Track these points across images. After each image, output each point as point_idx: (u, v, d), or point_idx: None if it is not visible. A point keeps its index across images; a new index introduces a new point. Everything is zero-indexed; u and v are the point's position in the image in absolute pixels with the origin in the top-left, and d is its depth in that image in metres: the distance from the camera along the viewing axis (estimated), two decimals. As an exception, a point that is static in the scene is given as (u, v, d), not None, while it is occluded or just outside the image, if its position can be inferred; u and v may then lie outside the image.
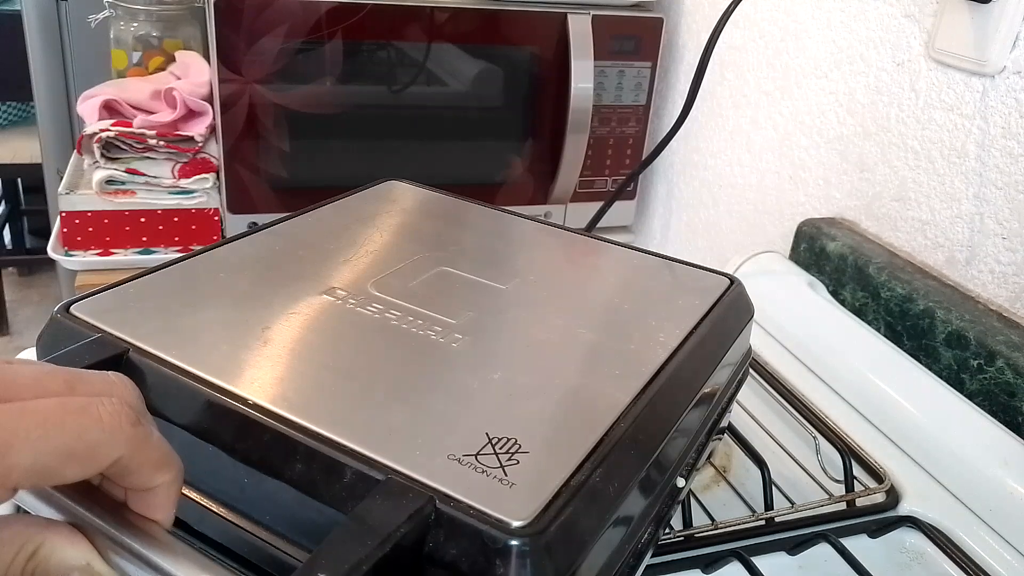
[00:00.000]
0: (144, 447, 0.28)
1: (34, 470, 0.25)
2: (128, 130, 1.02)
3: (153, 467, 0.28)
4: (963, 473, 0.58)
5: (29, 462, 0.25)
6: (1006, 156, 0.68)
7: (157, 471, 0.29)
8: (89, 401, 0.27)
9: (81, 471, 0.26)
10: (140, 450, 0.28)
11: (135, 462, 0.28)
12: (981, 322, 0.67)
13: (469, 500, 0.31)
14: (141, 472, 0.28)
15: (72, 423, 0.26)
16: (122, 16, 1.18)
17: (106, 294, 0.43)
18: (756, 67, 1.00)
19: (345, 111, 1.07)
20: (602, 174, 1.20)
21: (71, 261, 1.02)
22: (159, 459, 0.29)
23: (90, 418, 0.26)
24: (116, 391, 0.29)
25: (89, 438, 0.26)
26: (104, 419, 0.27)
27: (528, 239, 0.58)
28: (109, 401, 0.27)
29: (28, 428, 0.25)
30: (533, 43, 1.10)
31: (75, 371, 0.29)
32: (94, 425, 0.26)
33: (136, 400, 0.29)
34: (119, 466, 0.27)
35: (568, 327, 0.45)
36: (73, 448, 0.26)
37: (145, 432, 0.28)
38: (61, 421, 0.26)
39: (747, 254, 0.84)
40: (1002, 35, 0.67)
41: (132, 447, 0.27)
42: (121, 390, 0.29)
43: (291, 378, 0.38)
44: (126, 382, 0.30)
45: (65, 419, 0.26)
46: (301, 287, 0.46)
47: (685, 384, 0.43)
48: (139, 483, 0.29)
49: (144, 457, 0.28)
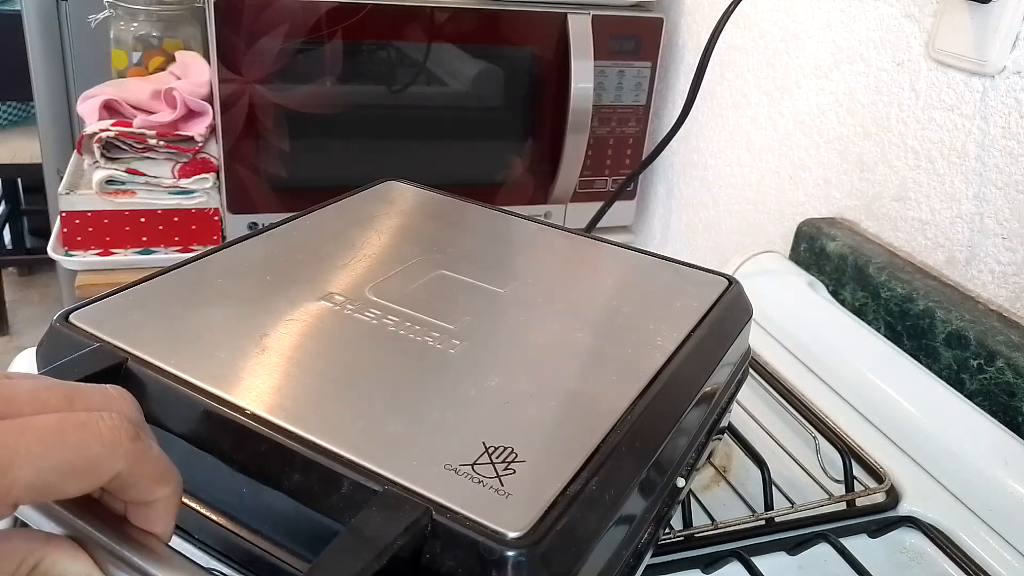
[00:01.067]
0: (143, 461, 0.28)
1: (35, 486, 0.25)
2: (128, 130, 1.02)
3: (152, 481, 0.29)
4: (963, 473, 0.58)
5: (30, 478, 0.25)
6: (1006, 156, 0.68)
7: (156, 485, 0.29)
8: (89, 416, 0.27)
9: (81, 486, 0.27)
10: (139, 464, 0.28)
11: (135, 476, 0.28)
12: (981, 322, 0.67)
13: (465, 511, 0.31)
14: (140, 486, 0.28)
15: (72, 439, 0.26)
16: (122, 16, 1.18)
17: (104, 302, 0.43)
18: (756, 67, 1.00)
19: (345, 111, 1.07)
20: (602, 174, 1.20)
21: (71, 261, 1.02)
22: (158, 473, 0.29)
23: (90, 433, 0.26)
24: (115, 405, 0.29)
25: (89, 453, 0.26)
26: (104, 434, 0.27)
27: (527, 240, 0.58)
28: (109, 416, 0.27)
29: (29, 444, 0.25)
30: (533, 43, 1.10)
31: (74, 385, 0.29)
32: (94, 440, 0.26)
33: (135, 413, 0.29)
34: (119, 480, 0.27)
35: (566, 331, 0.45)
36: (74, 463, 0.26)
37: (144, 446, 0.28)
38: (61, 437, 0.26)
39: (747, 254, 0.84)
40: (1002, 35, 0.67)
41: (131, 461, 0.27)
42: (120, 404, 0.29)
43: (289, 387, 0.38)
44: (125, 395, 0.30)
45: (65, 435, 0.26)
46: (299, 293, 0.46)
47: (684, 386, 0.43)
48: (139, 497, 0.29)
49: (143, 471, 0.28)
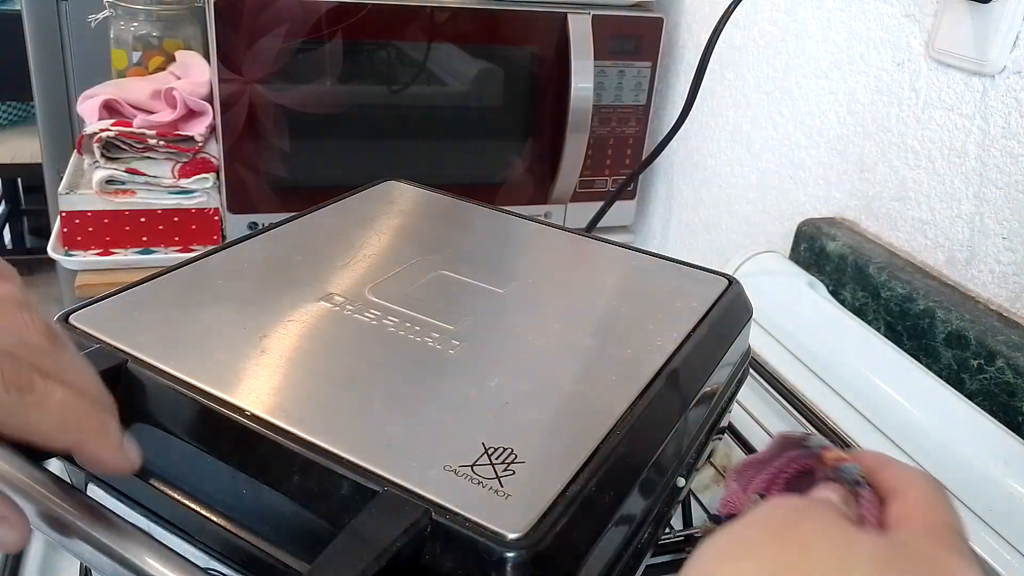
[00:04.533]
0: (33, 414, 0.26)
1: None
2: (128, 130, 1.01)
3: (57, 431, 0.27)
4: (963, 473, 0.58)
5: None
6: (1006, 156, 0.68)
7: (62, 434, 0.27)
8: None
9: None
10: (27, 419, 0.26)
11: (27, 433, 0.26)
12: (981, 322, 0.67)
13: (465, 512, 0.31)
14: (45, 439, 0.27)
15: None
16: (122, 16, 1.17)
17: (104, 303, 0.43)
18: (756, 67, 1.00)
19: (345, 111, 1.07)
20: (602, 174, 1.20)
21: (71, 261, 1.02)
22: (61, 423, 0.27)
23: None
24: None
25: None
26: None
27: (527, 240, 0.58)
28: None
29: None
30: (533, 43, 1.10)
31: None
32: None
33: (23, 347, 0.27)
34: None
35: (565, 331, 0.45)
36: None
37: (33, 399, 0.26)
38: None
39: (747, 254, 0.84)
40: (1002, 35, 0.67)
41: (12, 416, 0.26)
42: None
43: (289, 388, 0.38)
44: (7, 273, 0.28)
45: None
46: (299, 294, 0.46)
47: (683, 386, 0.43)
48: (51, 447, 0.27)
49: (38, 425, 0.26)
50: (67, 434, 0.28)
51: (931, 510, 0.29)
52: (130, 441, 0.30)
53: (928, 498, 0.30)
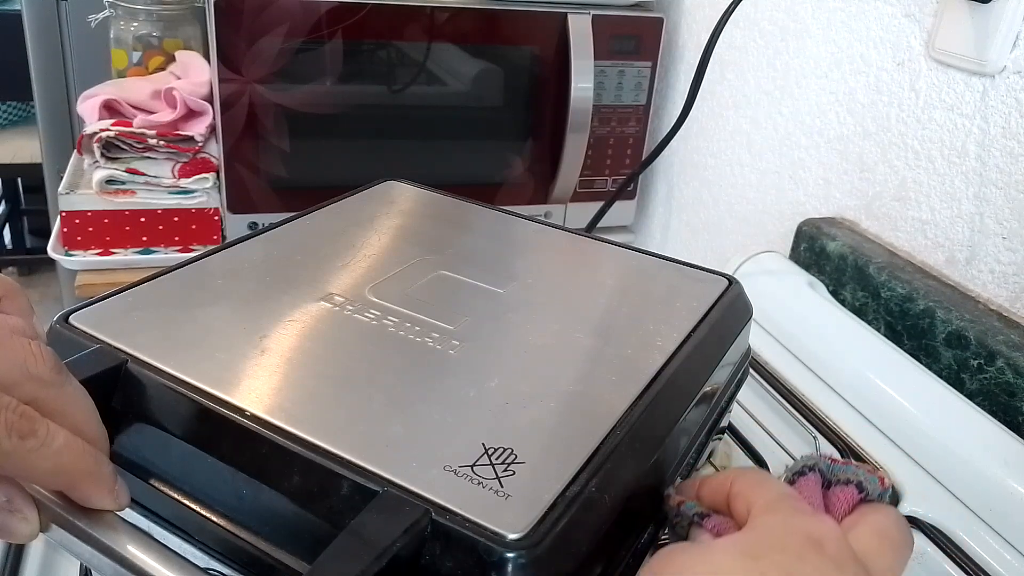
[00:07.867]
0: (31, 460, 0.26)
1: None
2: (128, 130, 1.01)
3: (51, 476, 0.27)
4: (963, 473, 0.58)
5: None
6: (1006, 156, 0.68)
7: (54, 479, 0.28)
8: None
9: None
10: (26, 465, 0.26)
11: (24, 476, 0.27)
12: (981, 322, 0.67)
13: (465, 512, 0.31)
14: (40, 480, 0.27)
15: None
16: (122, 16, 1.17)
17: (104, 303, 0.43)
18: (756, 67, 1.00)
19: (345, 111, 1.07)
20: (602, 174, 1.20)
21: (71, 261, 1.02)
22: (57, 467, 0.27)
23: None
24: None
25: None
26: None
27: (527, 240, 0.58)
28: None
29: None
30: (533, 43, 1.10)
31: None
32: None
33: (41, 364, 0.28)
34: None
35: (565, 331, 0.45)
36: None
37: (33, 444, 0.27)
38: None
39: (747, 254, 0.84)
40: (1002, 35, 0.67)
41: (13, 463, 0.26)
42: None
43: (288, 388, 0.38)
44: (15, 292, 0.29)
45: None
46: (299, 294, 0.46)
47: (683, 386, 0.43)
48: (47, 487, 0.28)
49: (34, 471, 0.27)
50: (61, 477, 0.28)
51: (761, 492, 0.35)
52: (121, 484, 0.31)
53: (754, 487, 0.35)
